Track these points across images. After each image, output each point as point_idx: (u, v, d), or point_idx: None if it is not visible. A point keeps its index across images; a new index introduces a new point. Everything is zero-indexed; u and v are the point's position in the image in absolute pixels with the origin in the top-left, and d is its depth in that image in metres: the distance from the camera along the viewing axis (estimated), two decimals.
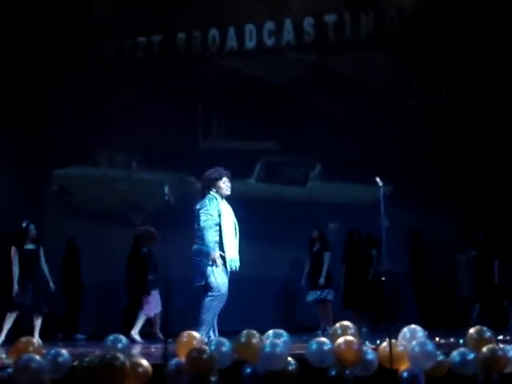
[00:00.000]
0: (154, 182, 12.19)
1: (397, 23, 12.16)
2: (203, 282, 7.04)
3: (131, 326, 10.25)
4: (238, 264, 7.17)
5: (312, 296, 10.52)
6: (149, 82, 12.53)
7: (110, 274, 11.15)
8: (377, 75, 12.09)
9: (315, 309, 10.62)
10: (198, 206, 7.18)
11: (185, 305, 10.67)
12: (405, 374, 5.31)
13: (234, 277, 7.29)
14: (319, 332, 9.98)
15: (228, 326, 7.20)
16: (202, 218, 7.07)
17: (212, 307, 7.03)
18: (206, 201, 7.15)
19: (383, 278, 5.29)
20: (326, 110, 12.17)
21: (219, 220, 7.10)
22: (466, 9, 11.53)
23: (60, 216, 12.32)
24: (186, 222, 11.20)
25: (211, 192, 7.21)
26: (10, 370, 5.32)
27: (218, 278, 7.02)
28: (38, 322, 9.47)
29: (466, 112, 11.55)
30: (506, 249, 10.74)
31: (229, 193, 7.28)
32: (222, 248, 7.08)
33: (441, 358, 5.41)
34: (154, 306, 10.25)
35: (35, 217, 11.51)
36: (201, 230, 7.07)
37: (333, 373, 5.34)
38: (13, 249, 9.51)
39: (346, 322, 5.70)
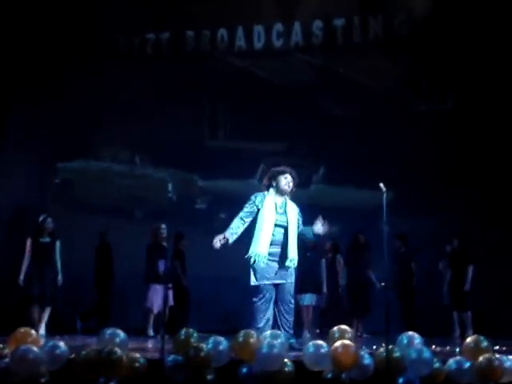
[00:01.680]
0: (157, 179, 12.20)
1: (405, 28, 12.14)
2: (250, 282, 6.94)
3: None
4: (262, 259, 6.89)
5: (309, 300, 10.45)
6: (157, 78, 12.51)
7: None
8: (384, 79, 12.07)
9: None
10: None
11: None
12: (401, 380, 5.32)
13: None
14: (308, 335, 9.98)
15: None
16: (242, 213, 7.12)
17: (256, 308, 6.87)
18: (256, 195, 7.18)
19: (383, 284, 5.28)
20: (331, 112, 12.17)
21: (256, 215, 7.05)
22: (474, 15, 11.50)
23: (63, 209, 12.31)
24: (188, 220, 11.35)
25: (270, 189, 7.20)
26: (6, 360, 5.34)
27: (259, 277, 6.89)
28: (45, 314, 9.61)
29: (472, 119, 11.52)
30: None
31: (288, 189, 7.18)
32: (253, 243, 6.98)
33: (437, 365, 5.42)
34: (151, 299, 10.22)
35: (40, 209, 11.65)
36: (256, 221, 7.03)
37: (329, 376, 5.36)
38: (28, 241, 9.73)
39: (344, 326, 5.73)
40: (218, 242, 6.93)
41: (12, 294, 10.23)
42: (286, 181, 7.21)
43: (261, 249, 6.93)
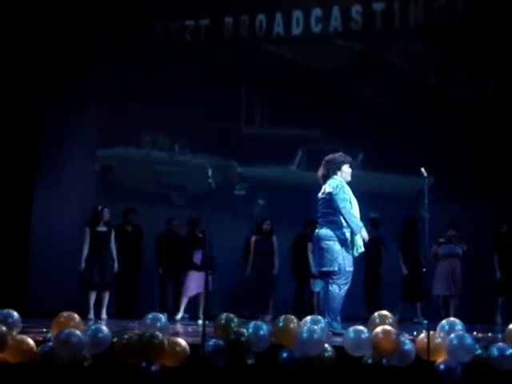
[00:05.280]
0: (196, 165, 12.22)
1: (446, 13, 11.98)
2: (333, 268, 6.93)
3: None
4: (362, 250, 7.08)
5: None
6: (195, 65, 12.53)
7: (149, 253, 11.24)
8: (424, 65, 11.94)
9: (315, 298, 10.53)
10: (329, 190, 7.07)
11: (227, 286, 10.89)
12: (442, 367, 5.29)
13: None
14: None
15: None
16: (340, 201, 6.95)
17: (339, 294, 6.93)
18: (339, 184, 7.08)
19: (424, 270, 5.24)
20: (370, 98, 12.06)
21: (351, 205, 7.05)
22: None
23: (103, 195, 12.43)
24: (227, 206, 11.38)
25: (335, 176, 7.17)
26: (50, 343, 5.42)
27: (348, 264, 6.96)
28: (105, 299, 10.17)
29: None
30: None
31: (350, 178, 7.23)
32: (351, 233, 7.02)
33: (479, 351, 5.38)
34: (191, 287, 10.34)
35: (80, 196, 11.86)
36: (340, 213, 6.95)
37: (369, 361, 5.35)
38: (86, 230, 10.26)
39: (385, 312, 5.71)
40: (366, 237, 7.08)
41: (71, 280, 10.87)
42: (349, 170, 7.24)
43: (361, 241, 7.05)
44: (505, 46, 11.45)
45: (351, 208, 7.02)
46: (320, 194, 7.21)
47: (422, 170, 5.57)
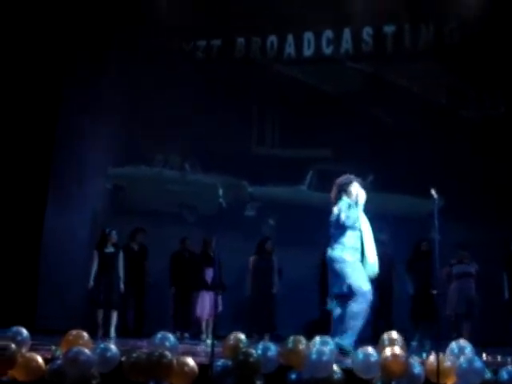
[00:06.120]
0: (207, 185, 12.25)
1: (457, 36, 12.03)
2: (344, 290, 6.93)
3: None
4: (376, 270, 7.14)
5: None
6: (206, 85, 12.57)
7: (160, 272, 11.27)
8: (435, 87, 11.96)
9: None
10: (335, 212, 7.19)
11: (236, 306, 10.87)
12: None
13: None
14: None
15: None
16: (342, 218, 7.04)
17: (361, 313, 6.91)
18: (344, 204, 7.18)
19: (434, 292, 5.24)
20: (380, 120, 12.07)
21: (359, 225, 7.12)
22: None
23: (113, 213, 12.48)
24: (237, 226, 11.38)
25: (343, 198, 7.25)
26: (59, 361, 5.43)
27: (362, 284, 6.96)
28: (113, 318, 10.25)
29: None
30: None
31: (361, 197, 7.29)
32: (362, 253, 7.07)
33: (488, 375, 5.35)
34: (208, 308, 10.35)
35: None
36: (344, 228, 7.05)
37: None
38: (94, 252, 10.46)
39: (394, 334, 5.69)
40: None
41: (81, 298, 11.03)
42: (358, 190, 7.31)
43: (371, 259, 7.12)
44: None
45: (354, 225, 7.09)
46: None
47: (432, 191, 5.57)
